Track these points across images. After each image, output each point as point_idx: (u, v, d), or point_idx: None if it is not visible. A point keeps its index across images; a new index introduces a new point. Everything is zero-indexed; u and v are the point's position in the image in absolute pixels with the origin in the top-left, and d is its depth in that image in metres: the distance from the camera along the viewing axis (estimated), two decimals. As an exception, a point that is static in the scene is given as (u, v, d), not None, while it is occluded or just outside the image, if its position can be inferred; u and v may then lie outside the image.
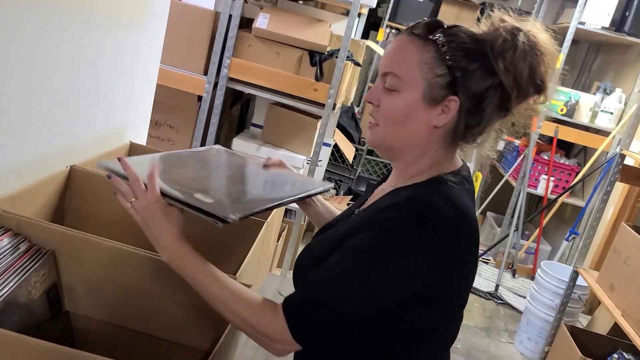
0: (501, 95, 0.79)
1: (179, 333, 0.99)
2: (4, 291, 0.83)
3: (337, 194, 3.78)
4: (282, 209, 1.78)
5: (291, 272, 1.62)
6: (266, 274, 1.55)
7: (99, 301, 0.98)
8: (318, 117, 2.66)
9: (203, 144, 2.70)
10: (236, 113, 3.22)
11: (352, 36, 2.54)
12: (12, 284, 0.85)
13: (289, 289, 0.85)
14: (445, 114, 0.79)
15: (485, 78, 0.78)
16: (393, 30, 4.65)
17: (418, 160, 0.84)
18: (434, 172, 0.82)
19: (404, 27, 0.85)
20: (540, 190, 3.57)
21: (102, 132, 1.39)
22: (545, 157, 3.58)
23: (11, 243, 0.92)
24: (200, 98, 2.62)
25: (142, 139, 1.65)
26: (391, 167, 0.92)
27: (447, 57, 0.78)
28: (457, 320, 0.86)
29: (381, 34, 4.54)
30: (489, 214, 4.21)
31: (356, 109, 4.35)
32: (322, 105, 2.50)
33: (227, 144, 2.97)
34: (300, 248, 1.91)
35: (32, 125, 1.07)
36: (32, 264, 0.91)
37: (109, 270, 0.96)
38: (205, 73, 2.55)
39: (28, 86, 1.02)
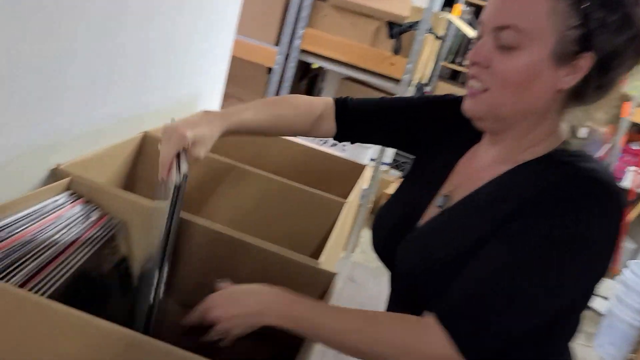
0: (635, 51, 0.66)
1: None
2: (74, 262, 0.76)
3: (402, 177, 3.63)
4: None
5: (354, 254, 1.52)
6: (338, 258, 1.46)
7: (173, 282, 0.91)
8: (391, 94, 2.52)
9: (271, 117, 2.63)
10: (303, 88, 3.12)
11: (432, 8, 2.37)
12: (82, 255, 0.78)
13: (361, 275, 0.75)
14: (574, 74, 0.66)
15: (623, 30, 0.64)
16: (469, 8, 4.38)
17: (533, 131, 0.71)
18: (552, 143, 0.70)
19: (481, 3, 0.71)
20: (626, 184, 3.28)
21: (175, 98, 1.32)
22: (636, 148, 3.28)
23: (83, 211, 0.85)
24: (270, 70, 2.54)
25: (215, 108, 1.57)
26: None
27: (584, 6, 0.64)
28: None
29: (457, 9, 4.29)
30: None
31: (427, 89, 4.15)
32: (397, 81, 2.36)
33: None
34: (366, 231, 1.82)
35: (106, 89, 1.00)
36: (104, 234, 0.84)
37: (194, 251, 0.88)
38: (277, 44, 2.45)
39: (102, 48, 0.95)
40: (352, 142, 0.96)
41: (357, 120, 0.93)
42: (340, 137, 0.94)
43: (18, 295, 0.60)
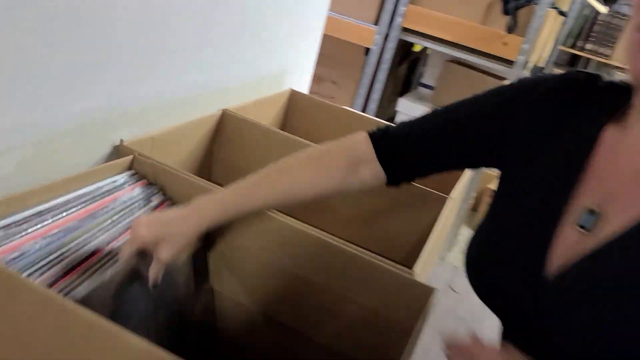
0: None
1: (350, 344, 0.74)
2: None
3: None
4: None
5: (452, 256, 1.31)
6: (435, 260, 1.27)
7: (252, 284, 0.78)
8: (503, 79, 2.25)
9: (366, 102, 2.45)
10: (403, 72, 2.91)
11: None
12: (137, 246, 0.67)
13: (462, 283, 0.55)
14: None
15: None
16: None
17: None
18: None
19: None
20: None
21: (260, 74, 1.19)
22: None
23: (143, 194, 0.75)
24: (367, 51, 2.36)
25: (303, 88, 1.44)
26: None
27: None
28: None
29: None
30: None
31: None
32: (510, 63, 2.09)
33: (391, 105, 2.69)
34: (465, 229, 1.57)
35: (187, 59, 0.89)
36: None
37: (268, 248, 0.74)
38: (376, 22, 2.27)
39: (186, 17, 0.83)
40: (410, 181, 0.70)
41: (411, 152, 0.66)
42: (393, 180, 0.69)
43: (42, 296, 0.49)
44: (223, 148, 1.06)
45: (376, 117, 1.50)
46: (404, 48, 2.58)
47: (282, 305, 0.76)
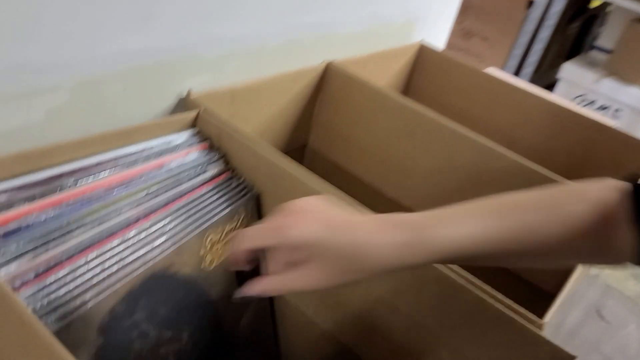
0: None
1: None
2: (173, 232, 0.51)
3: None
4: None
5: (607, 272, 1.01)
6: (583, 276, 0.99)
7: (326, 299, 0.61)
8: None
9: (520, 65, 2.10)
10: (573, 31, 2.46)
11: None
12: (174, 226, 0.53)
13: (615, 307, 0.38)
14: None
15: None
16: None
17: None
18: None
19: None
20: None
21: (381, 20, 0.98)
22: None
23: (201, 159, 0.60)
24: (531, 4, 1.99)
25: (438, 42, 1.19)
26: None
27: None
28: None
29: None
30: None
31: None
32: None
33: (552, 71, 2.29)
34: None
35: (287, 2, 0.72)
36: (219, 200, 0.58)
37: None
38: (546, -32, 1.89)
39: None
40: None
41: None
42: None
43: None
44: (324, 109, 0.88)
45: (531, 82, 1.21)
46: (577, 2, 2.14)
47: (361, 334, 0.58)
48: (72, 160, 0.52)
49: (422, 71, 1.07)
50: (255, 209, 0.60)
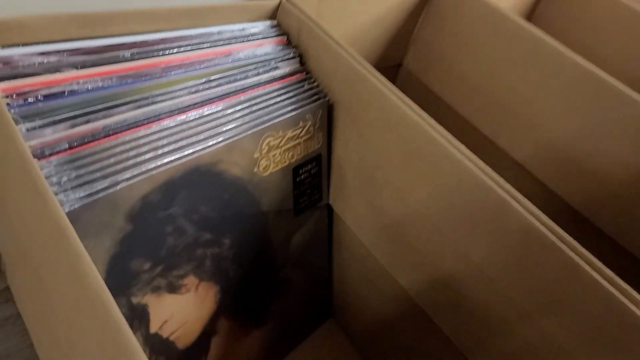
0: None
1: None
2: (228, 127, 0.46)
3: None
4: None
5: None
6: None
7: (392, 234, 0.55)
8: None
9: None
10: None
11: None
12: (243, 120, 0.47)
13: None
14: None
15: None
16: None
17: None
18: None
19: None
20: None
21: None
22: None
23: (274, 55, 0.53)
24: None
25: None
26: None
27: None
28: None
29: None
30: None
31: None
32: None
33: None
34: None
35: None
36: (286, 105, 0.51)
37: (443, 194, 0.49)
38: None
39: None
40: None
41: None
42: None
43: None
44: (430, 27, 0.78)
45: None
46: None
47: (420, 279, 0.51)
48: (134, 33, 0.47)
49: (552, -2, 0.91)
50: (325, 119, 0.53)
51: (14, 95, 0.38)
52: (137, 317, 0.42)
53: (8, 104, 0.37)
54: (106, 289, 0.28)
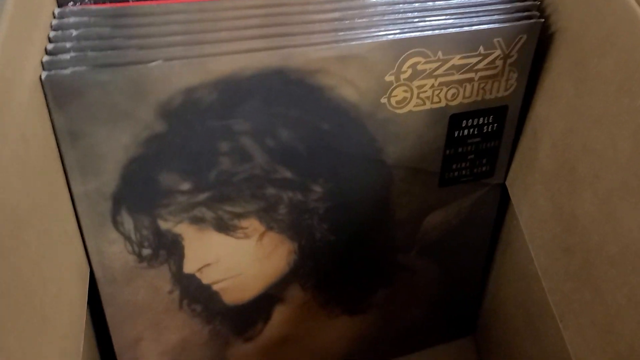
0: None
1: None
2: (349, 25, 0.31)
3: None
4: None
5: None
6: None
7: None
8: None
9: None
10: None
11: None
12: (381, 18, 0.31)
13: None
14: None
15: None
16: None
17: None
18: None
19: None
20: None
21: None
22: None
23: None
24: None
25: None
26: None
27: None
28: None
29: None
30: None
31: None
32: None
33: None
34: None
35: None
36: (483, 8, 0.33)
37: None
38: None
39: None
40: None
41: None
42: None
43: None
44: None
45: None
46: None
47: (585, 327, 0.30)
48: None
49: None
50: (530, 52, 0.33)
51: None
52: (165, 247, 0.32)
53: None
54: None
